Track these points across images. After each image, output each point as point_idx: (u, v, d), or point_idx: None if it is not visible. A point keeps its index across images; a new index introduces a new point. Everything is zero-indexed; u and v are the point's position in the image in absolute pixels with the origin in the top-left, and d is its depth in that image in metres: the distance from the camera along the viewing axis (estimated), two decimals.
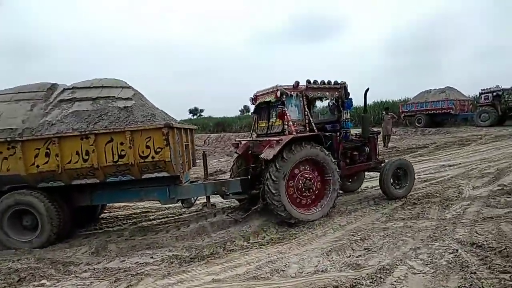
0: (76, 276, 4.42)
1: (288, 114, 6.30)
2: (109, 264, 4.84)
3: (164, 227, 6.56)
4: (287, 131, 6.28)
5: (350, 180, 8.30)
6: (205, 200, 6.61)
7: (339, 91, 6.93)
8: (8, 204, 5.54)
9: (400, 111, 25.44)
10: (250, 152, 7.13)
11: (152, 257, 5.01)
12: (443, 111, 23.00)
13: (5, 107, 5.79)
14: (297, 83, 6.47)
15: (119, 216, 7.64)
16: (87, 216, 7.08)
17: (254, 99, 7.21)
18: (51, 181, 5.59)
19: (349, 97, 6.97)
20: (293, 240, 5.33)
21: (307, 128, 6.51)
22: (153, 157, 5.45)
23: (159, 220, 7.10)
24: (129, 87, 6.20)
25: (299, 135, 6.24)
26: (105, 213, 7.92)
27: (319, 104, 8.15)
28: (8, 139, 5.33)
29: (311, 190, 6.30)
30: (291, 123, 6.28)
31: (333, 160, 6.41)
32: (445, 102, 22.73)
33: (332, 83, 6.85)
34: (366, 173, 8.46)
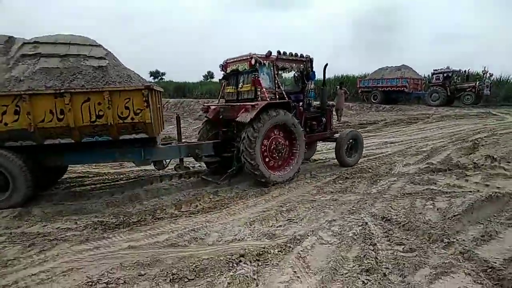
0: None
1: (261, 82, 6.71)
2: (29, 229, 4.73)
3: (98, 193, 6.45)
4: (259, 98, 6.67)
5: (306, 148, 8.65)
6: (177, 163, 6.81)
7: (305, 63, 7.52)
8: None
9: (358, 86, 26.01)
10: (221, 116, 7.33)
11: (76, 222, 4.94)
12: (397, 88, 23.81)
13: None
14: (270, 52, 6.82)
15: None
16: (51, 178, 6.97)
17: (224, 66, 7.47)
18: (20, 139, 5.37)
19: (313, 70, 7.64)
20: (223, 210, 5.43)
21: (277, 96, 6.95)
22: (132, 118, 5.47)
23: (93, 186, 6.97)
24: (99, 45, 6.02)
25: (273, 101, 6.69)
26: None
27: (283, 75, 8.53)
28: None
29: (280, 154, 6.82)
30: (264, 89, 6.68)
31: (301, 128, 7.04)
32: (400, 80, 23.47)
33: (299, 55, 7.36)
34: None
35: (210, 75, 61.58)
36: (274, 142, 6.69)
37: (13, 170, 5.37)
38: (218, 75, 7.76)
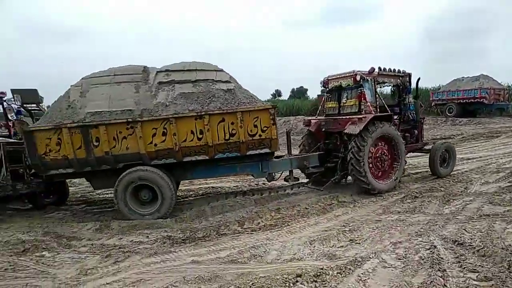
0: (74, 250, 4.81)
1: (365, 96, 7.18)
2: (107, 241, 5.20)
3: None
4: (363, 111, 7.14)
5: None
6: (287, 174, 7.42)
7: (402, 78, 7.96)
8: (132, 179, 5.96)
9: (431, 99, 24.47)
10: (323, 129, 7.94)
11: (147, 236, 5.31)
12: (476, 100, 21.89)
13: (108, 89, 6.13)
14: (373, 69, 7.32)
15: None
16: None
17: (325, 83, 8.06)
18: (165, 158, 6.08)
19: (411, 84, 8.10)
20: (284, 228, 5.47)
21: (377, 110, 7.36)
22: (260, 135, 6.15)
23: None
24: (222, 70, 6.65)
25: (379, 114, 7.18)
26: None
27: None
28: (129, 120, 5.76)
29: (383, 164, 7.23)
30: (368, 103, 7.14)
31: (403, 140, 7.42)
32: (478, 90, 21.59)
33: (396, 71, 7.81)
34: None
35: (278, 93, 62.35)
36: (378, 152, 7.13)
37: (162, 185, 6.01)
38: (286, 93, 8.11)
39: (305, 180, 8.06)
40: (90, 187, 9.00)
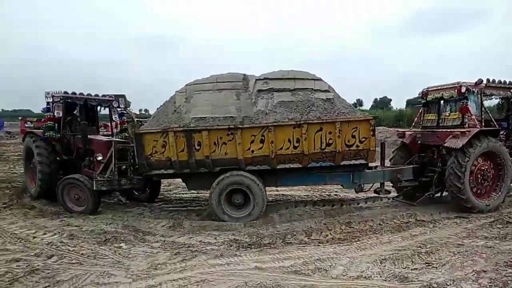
0: (148, 245, 5.13)
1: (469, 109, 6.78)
2: (178, 238, 5.45)
3: None
4: (467, 124, 6.77)
5: None
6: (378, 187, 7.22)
7: None
8: (229, 183, 6.22)
9: None
10: (418, 142, 7.55)
11: (215, 238, 5.46)
12: None
13: (211, 96, 6.52)
14: (481, 80, 6.89)
15: (203, 198, 8.38)
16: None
17: (425, 94, 7.70)
18: (259, 164, 6.30)
19: None
20: (354, 243, 5.21)
21: (482, 124, 6.92)
22: (357, 146, 6.14)
23: None
24: (320, 79, 6.77)
25: (485, 128, 6.72)
26: (193, 193, 8.78)
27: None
28: (231, 126, 6.07)
29: (485, 182, 6.72)
30: (473, 117, 6.74)
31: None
32: None
33: (507, 82, 7.26)
34: None
35: (359, 102, 60.49)
36: (480, 169, 6.65)
37: (255, 190, 6.20)
38: (368, 102, 7.78)
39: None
40: (168, 186, 9.65)
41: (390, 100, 55.46)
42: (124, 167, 7.07)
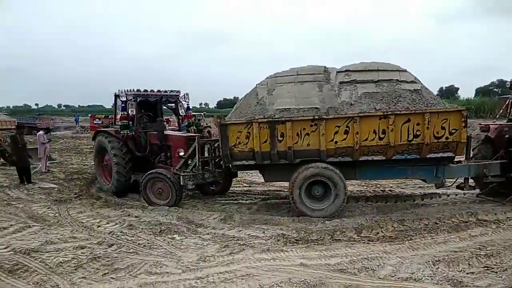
0: (199, 237, 5.36)
1: None
2: (228, 231, 5.63)
3: (287, 206, 7.04)
4: None
5: None
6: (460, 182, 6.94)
7: None
8: (311, 174, 6.20)
9: None
10: (506, 136, 7.07)
11: (264, 232, 5.55)
12: None
13: (292, 87, 6.62)
14: None
15: (254, 191, 8.54)
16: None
17: None
18: (341, 156, 6.24)
19: None
20: (405, 242, 5.02)
21: None
22: (447, 138, 5.96)
23: (286, 200, 7.62)
24: (405, 70, 6.66)
25: None
26: (245, 186, 8.98)
27: None
28: (316, 117, 6.07)
29: None
30: None
31: None
32: None
33: None
34: None
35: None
36: None
37: (337, 182, 6.18)
38: (433, 91, 7.19)
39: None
40: None
41: (457, 89, 51.58)
42: (207, 161, 7.32)
